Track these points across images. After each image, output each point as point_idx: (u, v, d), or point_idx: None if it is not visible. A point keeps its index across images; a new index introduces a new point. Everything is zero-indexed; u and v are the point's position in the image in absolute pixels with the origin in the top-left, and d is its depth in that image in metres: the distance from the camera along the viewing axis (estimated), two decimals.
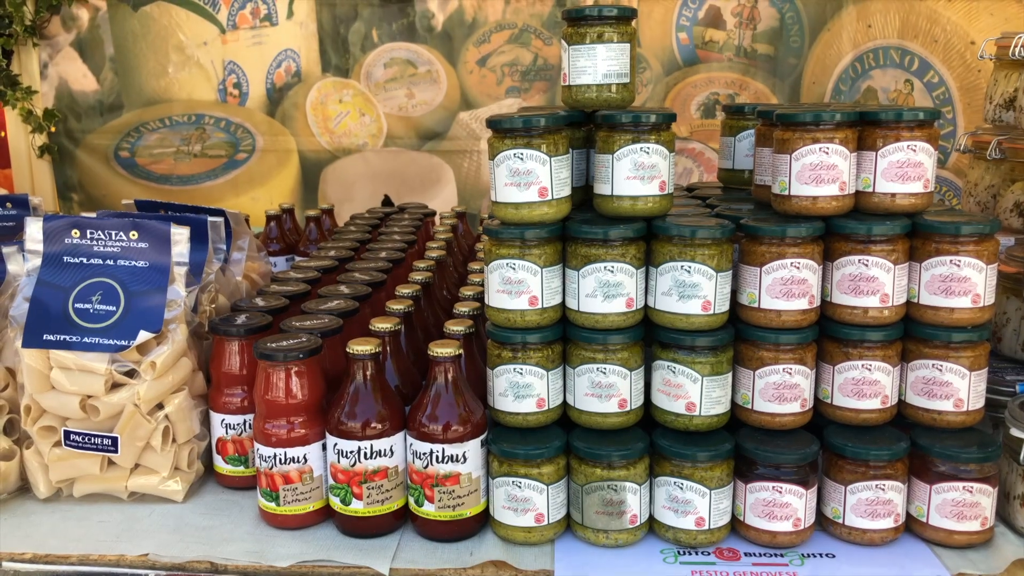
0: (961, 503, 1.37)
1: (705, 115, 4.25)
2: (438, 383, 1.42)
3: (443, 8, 3.99)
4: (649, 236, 1.43)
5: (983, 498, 1.37)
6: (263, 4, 3.97)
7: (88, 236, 1.52)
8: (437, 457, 1.41)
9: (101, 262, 1.51)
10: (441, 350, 1.41)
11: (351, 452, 1.42)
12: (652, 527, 1.45)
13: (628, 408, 1.43)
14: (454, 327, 1.53)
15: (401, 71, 4.00)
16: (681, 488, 1.40)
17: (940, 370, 1.40)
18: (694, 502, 1.39)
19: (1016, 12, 4.10)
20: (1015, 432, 1.40)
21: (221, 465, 1.61)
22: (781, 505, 1.39)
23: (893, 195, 1.41)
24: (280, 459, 1.45)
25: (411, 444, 1.43)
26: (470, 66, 4.04)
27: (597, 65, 1.48)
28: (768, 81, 4.23)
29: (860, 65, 4.15)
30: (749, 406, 1.44)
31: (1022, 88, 1.73)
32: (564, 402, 1.47)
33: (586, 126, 1.57)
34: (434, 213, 2.66)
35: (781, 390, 1.41)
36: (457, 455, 1.41)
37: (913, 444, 1.41)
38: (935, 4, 4.11)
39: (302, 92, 4.00)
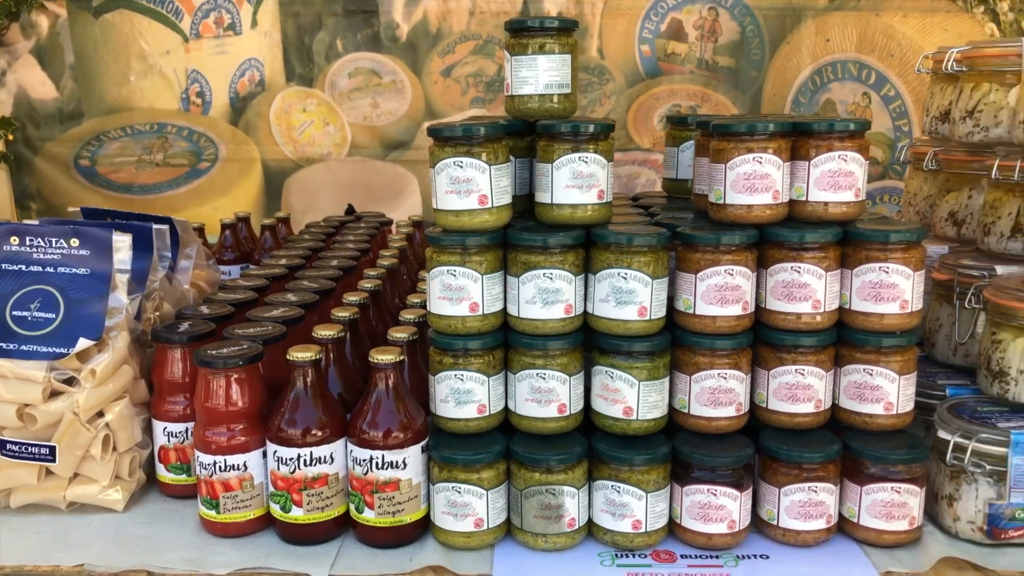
0: (890, 503, 1.41)
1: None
2: (378, 390, 1.43)
3: (408, 19, 4.00)
4: (588, 244, 1.45)
5: (911, 498, 1.41)
6: (227, 13, 3.96)
7: (28, 243, 1.51)
8: (377, 464, 1.41)
9: (40, 269, 1.50)
10: (381, 357, 1.42)
11: (291, 459, 1.42)
12: (591, 531, 1.47)
13: (567, 413, 1.45)
14: (397, 334, 1.55)
15: (366, 81, 4.00)
16: (618, 491, 1.42)
17: (871, 374, 1.43)
18: (631, 505, 1.41)
19: (969, 28, 4.20)
20: (943, 434, 1.44)
21: (163, 474, 1.60)
22: (716, 507, 1.41)
23: (826, 203, 1.44)
24: (220, 466, 1.45)
25: (351, 451, 1.44)
26: (434, 76, 4.06)
27: (539, 76, 1.50)
28: (730, 93, 4.30)
29: (819, 78, 4.22)
30: (686, 410, 1.46)
31: (955, 101, 1.78)
32: (506, 408, 1.49)
33: (530, 136, 1.59)
34: (391, 222, 2.67)
35: (716, 395, 1.44)
36: (397, 461, 1.42)
37: (845, 447, 1.45)
38: (891, 19, 4.21)
39: (266, 101, 3.99)
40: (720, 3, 4.21)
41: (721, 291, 1.42)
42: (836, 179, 1.43)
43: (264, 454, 1.47)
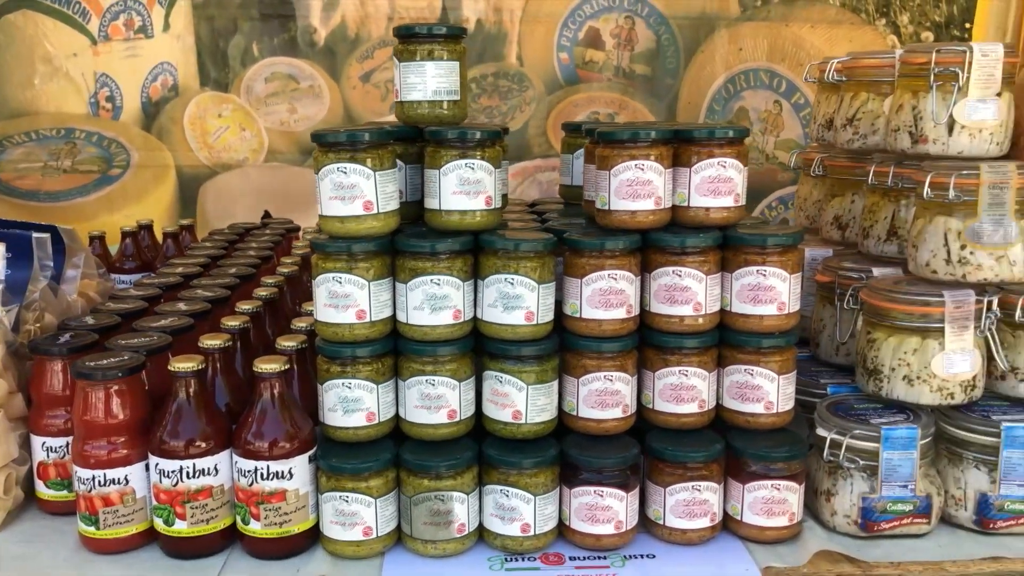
0: (770, 500, 1.45)
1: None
2: (263, 399, 1.41)
3: (326, 23, 3.96)
4: (477, 249, 1.46)
5: (790, 495, 1.45)
6: (137, 16, 3.85)
7: None
8: (262, 474, 1.39)
9: None
10: (265, 366, 1.40)
11: (173, 472, 1.39)
12: (482, 535, 1.47)
13: (458, 419, 1.45)
14: (286, 342, 1.53)
15: (283, 86, 3.94)
16: (507, 495, 1.43)
17: (751, 374, 1.48)
18: (519, 509, 1.42)
19: (872, 39, 4.37)
20: (820, 431, 1.49)
21: (42, 490, 1.54)
22: (603, 508, 1.43)
23: (707, 209, 1.48)
24: (99, 481, 1.40)
25: (236, 462, 1.41)
26: (353, 82, 4.02)
27: (427, 82, 1.50)
28: (646, 101, 4.37)
29: (732, 86, 4.32)
30: (574, 413, 1.48)
31: (837, 110, 1.85)
32: (397, 415, 1.48)
33: (422, 141, 1.59)
34: (298, 229, 2.64)
35: (603, 397, 1.46)
36: (283, 472, 1.40)
37: (728, 446, 1.48)
38: (800, 30, 4.34)
39: (179, 106, 3.89)
40: (636, 12, 4.28)
41: (606, 295, 1.44)
42: (716, 185, 1.47)
43: (147, 467, 1.43)
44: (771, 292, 1.45)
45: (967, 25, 4.41)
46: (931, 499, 1.46)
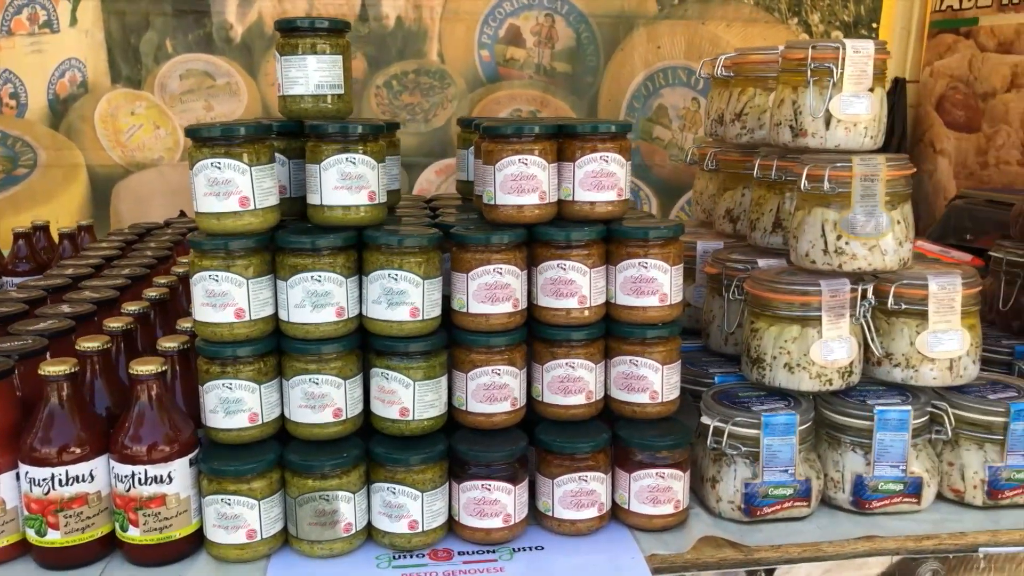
0: (656, 488, 1.47)
1: None
2: (141, 402, 1.37)
3: (242, 19, 3.88)
4: (361, 245, 1.44)
5: (675, 483, 1.47)
6: (42, 10, 3.72)
7: None
8: (140, 479, 1.35)
9: None
10: (141, 368, 1.37)
11: (43, 480, 1.34)
12: (371, 534, 1.46)
13: (344, 417, 1.43)
14: (167, 343, 1.49)
15: (198, 83, 3.85)
16: (393, 493, 1.42)
17: (636, 365, 1.50)
18: (406, 506, 1.41)
19: (785, 37, 4.48)
20: (705, 419, 1.52)
21: None
22: (491, 502, 1.43)
23: (592, 203, 1.49)
24: None
25: (113, 467, 1.37)
26: (271, 79, 3.94)
27: (309, 76, 1.48)
28: (567, 99, 4.40)
29: (651, 84, 4.38)
30: (464, 408, 1.48)
31: (726, 105, 1.89)
32: (282, 415, 1.46)
33: (306, 136, 1.57)
34: None
35: (492, 391, 1.46)
36: (162, 476, 1.36)
37: (615, 436, 1.50)
38: (716, 28, 4.43)
39: (90, 104, 3.77)
40: (556, 10, 4.31)
41: (492, 289, 1.44)
42: (599, 179, 1.48)
43: (17, 476, 1.38)
44: (653, 284, 1.47)
45: (874, 25, 4.57)
46: (811, 482, 1.50)
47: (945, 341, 1.53)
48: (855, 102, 1.58)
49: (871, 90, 1.59)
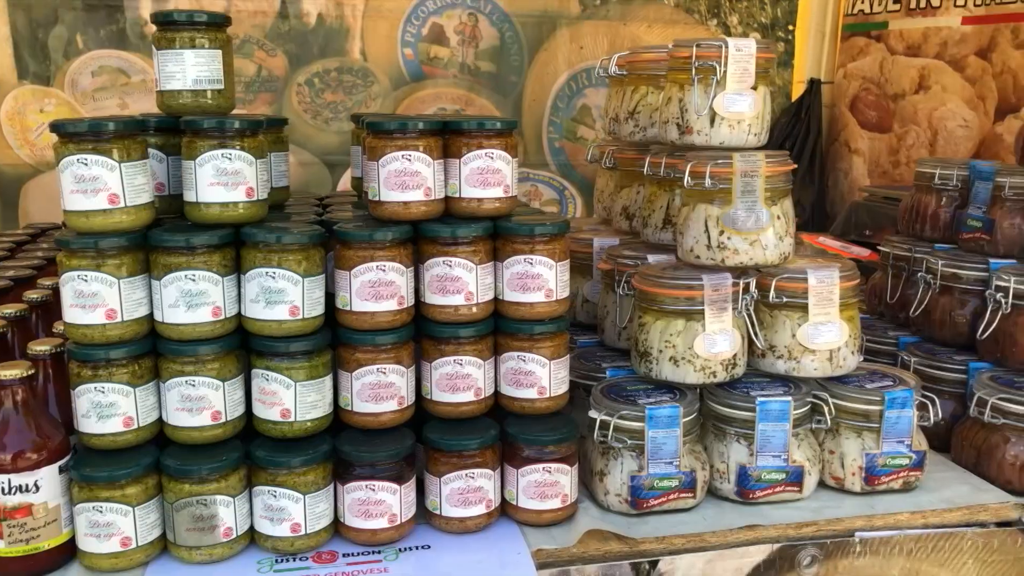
0: (543, 483, 1.47)
1: None
2: (5, 408, 1.32)
3: None
4: (240, 243, 1.41)
5: (562, 477, 1.48)
6: None
7: None
8: (3, 489, 1.30)
9: None
10: (5, 372, 1.31)
11: None
12: (254, 538, 1.43)
13: (223, 420, 1.40)
14: (37, 347, 1.44)
15: (112, 80, 3.73)
16: (275, 496, 1.39)
17: (524, 361, 1.50)
18: (288, 509, 1.39)
19: (705, 36, 4.57)
20: (592, 413, 1.52)
21: None
22: (376, 503, 1.42)
23: (480, 200, 1.49)
24: None
25: None
26: None
27: (187, 70, 1.45)
28: (492, 98, 4.41)
29: (575, 84, 4.41)
30: (350, 408, 1.46)
31: (620, 103, 1.91)
32: (160, 419, 1.42)
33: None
34: None
35: (377, 390, 1.44)
36: (27, 485, 1.31)
37: (503, 432, 1.50)
38: (637, 29, 4.48)
39: None
40: (479, 9, 4.31)
41: (376, 287, 1.43)
42: (485, 176, 1.48)
43: None
44: (539, 280, 1.48)
45: (790, 27, 4.68)
46: (695, 474, 1.52)
47: (824, 333, 1.57)
48: (738, 100, 1.60)
49: (754, 88, 1.62)
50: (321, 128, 4.27)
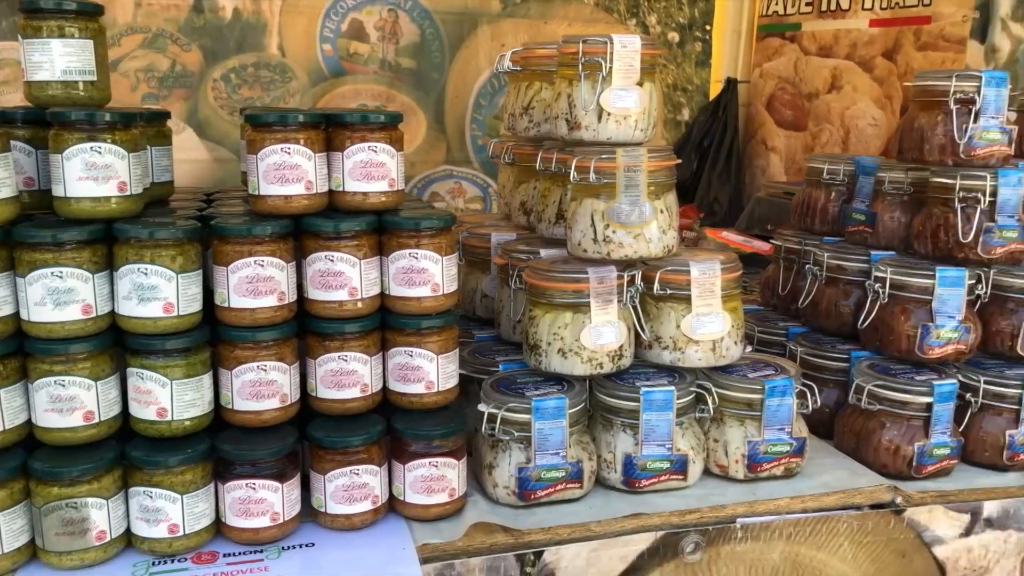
0: (430, 478, 1.47)
1: None
2: None
3: None
4: (112, 239, 1.38)
5: (449, 471, 1.48)
6: None
7: None
8: None
9: None
10: None
11: None
12: (132, 541, 1.40)
13: (96, 420, 1.36)
14: None
15: (15, 72, 3.60)
16: (151, 497, 1.36)
17: (411, 356, 1.49)
18: (165, 509, 1.36)
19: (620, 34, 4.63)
20: (481, 407, 1.53)
21: None
22: (257, 501, 1.40)
23: (365, 194, 1.48)
24: None
25: None
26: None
27: (55, 61, 1.40)
28: (413, 94, 4.38)
29: (497, 81, 4.41)
30: (230, 406, 1.43)
31: (515, 99, 1.92)
32: (30, 421, 1.37)
33: None
34: None
35: (258, 387, 1.42)
36: None
37: (389, 427, 1.49)
38: (558, 27, 4.51)
39: None
40: (399, 5, 4.28)
41: (254, 283, 1.40)
42: (369, 170, 1.47)
43: None
44: (425, 274, 1.48)
45: (707, 27, 4.78)
46: (582, 464, 1.54)
47: (707, 323, 1.60)
48: (624, 96, 1.63)
49: (640, 84, 1.64)
50: (238, 124, 4.20)
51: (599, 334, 1.56)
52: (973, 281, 1.73)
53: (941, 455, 1.65)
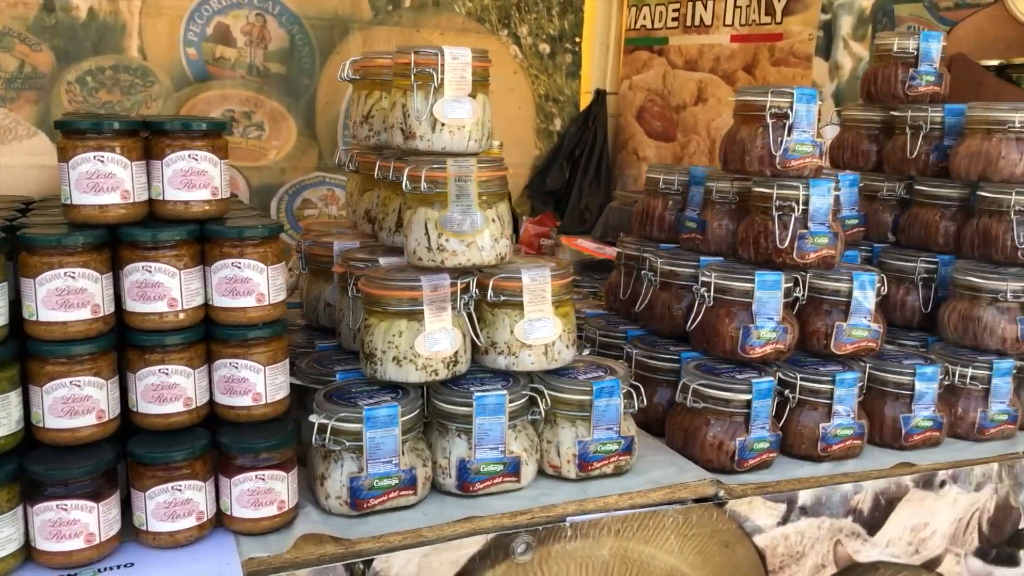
0: (257, 491, 1.45)
1: None
2: None
3: None
4: None
5: (278, 484, 1.47)
6: None
7: None
8: None
9: None
10: None
11: None
12: None
13: None
14: None
15: None
16: None
17: (237, 367, 1.47)
18: None
19: (497, 47, 4.69)
20: (312, 418, 1.52)
21: None
22: (69, 523, 1.34)
23: (187, 202, 1.45)
24: None
25: None
26: None
27: None
28: (283, 100, 4.31)
29: None
30: (41, 424, 1.37)
31: (355, 108, 1.92)
32: None
33: None
34: None
35: (72, 404, 1.37)
36: None
37: (215, 441, 1.46)
38: (430, 36, 4.53)
39: None
40: (267, 10, 4.20)
41: (64, 295, 1.35)
42: (190, 178, 1.44)
43: None
44: (248, 284, 1.46)
45: (577, 39, 4.91)
46: (416, 471, 1.55)
47: (539, 328, 1.65)
48: (457, 106, 1.66)
49: (473, 96, 1.68)
50: None
51: (434, 341, 1.58)
52: (790, 284, 1.85)
53: (761, 449, 1.75)
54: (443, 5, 4.51)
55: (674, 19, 4.84)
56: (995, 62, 2.68)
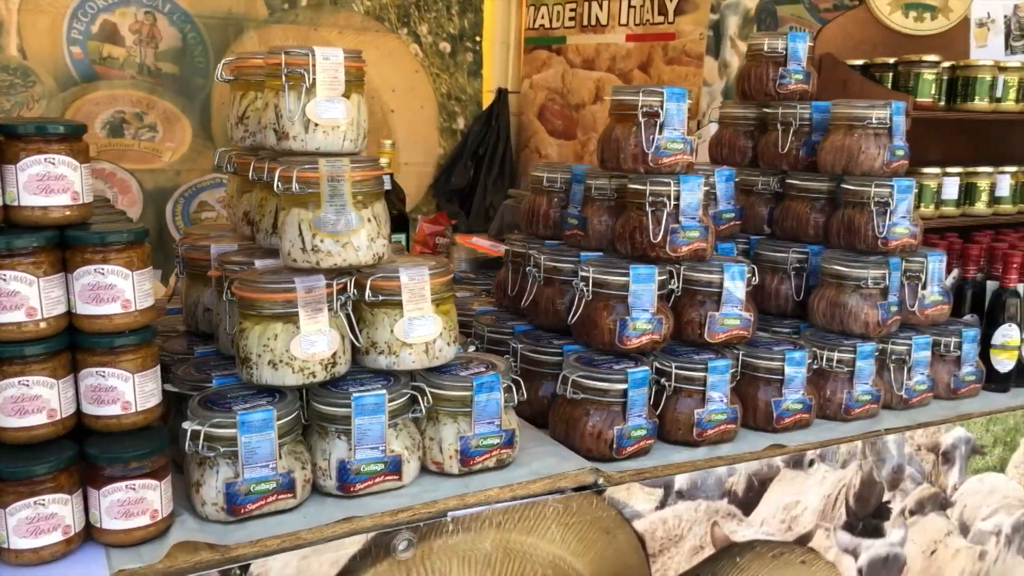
0: (127, 502, 1.42)
1: (112, 134, 4.05)
2: None
3: None
4: None
5: (149, 493, 1.44)
6: None
7: None
8: None
9: None
10: None
11: None
12: None
13: None
14: None
15: None
16: None
17: (104, 376, 1.44)
18: None
19: (397, 46, 4.67)
20: (185, 424, 1.50)
21: None
22: None
23: (44, 208, 1.41)
24: None
25: None
26: None
27: None
28: (177, 100, 4.19)
29: None
30: None
31: (231, 109, 1.90)
32: None
33: None
34: None
35: None
36: None
37: (82, 452, 1.43)
38: (329, 35, 4.48)
39: None
40: (157, 8, 4.08)
41: None
42: (48, 183, 1.40)
43: None
44: (113, 290, 1.43)
45: (477, 38, 4.94)
46: (294, 474, 1.55)
47: (419, 327, 1.66)
48: (330, 107, 1.65)
49: (347, 96, 1.68)
50: None
51: (310, 343, 1.58)
52: (665, 277, 1.92)
53: (638, 436, 1.82)
54: (341, 4, 4.47)
55: (571, 19, 4.92)
56: (860, 61, 2.83)
